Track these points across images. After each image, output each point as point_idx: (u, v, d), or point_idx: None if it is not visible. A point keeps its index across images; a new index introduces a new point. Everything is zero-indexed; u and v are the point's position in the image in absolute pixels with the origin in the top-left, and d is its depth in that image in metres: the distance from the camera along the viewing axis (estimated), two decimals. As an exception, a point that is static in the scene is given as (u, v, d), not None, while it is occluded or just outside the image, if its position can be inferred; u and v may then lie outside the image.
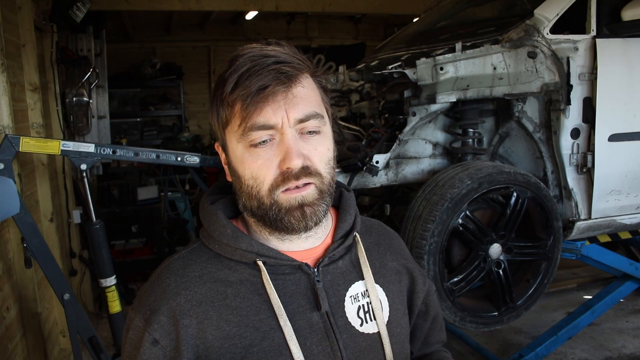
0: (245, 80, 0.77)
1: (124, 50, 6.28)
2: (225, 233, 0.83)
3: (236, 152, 0.81)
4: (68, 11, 3.28)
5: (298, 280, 0.83)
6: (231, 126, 0.80)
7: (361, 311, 0.88)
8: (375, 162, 2.13)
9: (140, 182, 5.22)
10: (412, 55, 2.44)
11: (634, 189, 2.50)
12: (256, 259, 0.82)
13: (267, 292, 0.80)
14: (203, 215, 0.87)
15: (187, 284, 0.81)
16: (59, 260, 2.87)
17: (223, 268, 0.83)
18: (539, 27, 2.26)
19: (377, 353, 0.88)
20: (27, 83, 2.86)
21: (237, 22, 6.62)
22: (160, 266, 0.86)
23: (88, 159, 2.24)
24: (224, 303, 0.79)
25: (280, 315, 0.80)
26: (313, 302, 0.83)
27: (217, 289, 0.81)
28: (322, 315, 0.83)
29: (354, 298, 0.88)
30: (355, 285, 0.89)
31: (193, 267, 0.83)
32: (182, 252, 0.86)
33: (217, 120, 0.83)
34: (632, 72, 2.38)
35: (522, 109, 2.32)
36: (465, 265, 2.16)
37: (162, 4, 4.55)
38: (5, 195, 1.94)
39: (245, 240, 0.82)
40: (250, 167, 0.79)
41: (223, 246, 0.83)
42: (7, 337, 2.16)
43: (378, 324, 0.89)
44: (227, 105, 0.79)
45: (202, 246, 0.86)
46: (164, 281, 0.82)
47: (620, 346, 3.37)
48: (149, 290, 0.83)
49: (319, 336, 0.82)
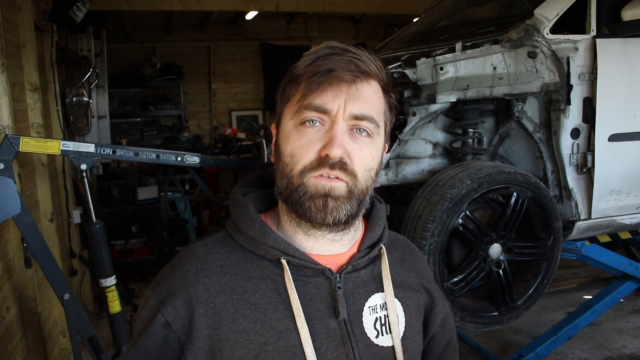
0: (319, 61, 0.80)
1: (124, 50, 6.29)
2: (253, 227, 0.83)
3: (286, 128, 0.83)
4: (68, 11, 3.28)
5: (319, 285, 0.82)
6: (290, 102, 0.82)
7: (378, 323, 0.87)
8: (375, 162, 2.13)
9: (140, 182, 5.22)
10: (412, 55, 2.44)
11: (634, 189, 2.50)
12: (281, 257, 0.81)
13: (288, 292, 0.80)
14: (233, 206, 0.87)
15: (208, 272, 0.80)
16: (59, 260, 2.87)
17: (246, 262, 0.82)
18: (539, 27, 2.26)
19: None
20: (27, 83, 2.86)
21: (237, 22, 6.62)
22: (183, 250, 0.86)
23: (88, 159, 2.24)
24: (243, 297, 0.79)
25: (298, 317, 0.79)
26: (331, 308, 0.82)
27: (237, 281, 0.80)
28: (339, 323, 0.82)
29: (372, 309, 0.87)
30: (374, 296, 0.88)
31: (216, 255, 0.83)
32: (206, 240, 0.86)
33: (281, 96, 0.85)
34: (632, 72, 2.38)
35: (522, 109, 2.32)
36: (465, 265, 2.16)
37: (162, 4, 4.55)
38: (6, 195, 1.94)
39: (272, 236, 0.82)
40: (292, 144, 0.80)
41: (249, 240, 0.83)
42: (7, 337, 2.16)
43: (393, 338, 0.88)
44: (294, 81, 0.82)
45: (227, 237, 0.86)
46: (185, 265, 0.82)
47: (620, 346, 3.37)
48: (169, 272, 0.83)
49: (335, 342, 0.82)
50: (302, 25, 7.08)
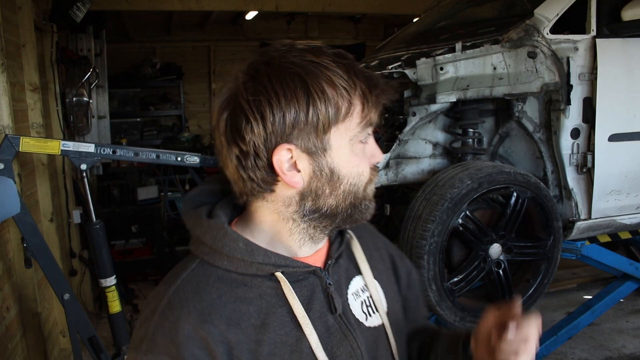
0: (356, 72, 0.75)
1: (124, 50, 6.28)
2: (237, 247, 0.76)
3: (342, 152, 0.76)
4: (68, 11, 3.28)
5: (312, 285, 0.82)
6: (346, 123, 0.75)
7: (364, 306, 0.88)
8: (375, 162, 2.13)
9: (140, 182, 5.22)
10: (412, 55, 2.44)
11: (634, 189, 2.49)
12: (274, 270, 0.78)
13: (290, 302, 0.78)
14: (202, 231, 0.79)
15: (210, 308, 0.73)
16: (59, 260, 2.87)
17: (238, 285, 0.77)
18: (539, 27, 2.26)
19: (384, 344, 0.89)
20: (27, 83, 2.87)
21: (237, 22, 6.62)
22: (158, 297, 0.76)
23: (88, 159, 2.24)
24: (250, 323, 0.75)
25: (305, 325, 0.77)
26: (326, 305, 0.82)
27: (240, 308, 0.75)
28: (336, 318, 0.82)
29: (355, 295, 0.88)
30: (353, 281, 0.89)
31: (208, 289, 0.75)
32: (182, 276, 0.77)
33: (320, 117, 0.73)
34: (632, 72, 2.38)
35: (522, 109, 2.32)
36: (465, 265, 2.16)
37: (162, 4, 4.55)
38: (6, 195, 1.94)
39: (260, 252, 0.77)
40: (356, 164, 0.78)
41: (235, 262, 0.77)
42: (7, 337, 2.16)
43: (381, 316, 0.90)
44: (345, 99, 0.74)
45: (204, 265, 0.78)
46: (181, 311, 0.73)
47: (620, 346, 3.37)
48: (161, 326, 0.73)
49: (338, 338, 0.82)
50: (302, 25, 7.08)
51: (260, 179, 0.76)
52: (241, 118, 0.72)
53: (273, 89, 0.71)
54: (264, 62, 0.74)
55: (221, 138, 0.76)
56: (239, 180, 0.77)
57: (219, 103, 0.76)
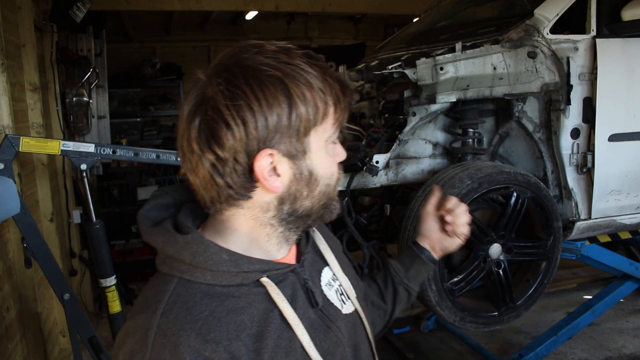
0: (328, 74, 0.76)
1: (124, 50, 6.28)
2: (221, 260, 0.74)
3: (320, 152, 0.77)
4: (68, 11, 3.28)
5: (292, 283, 0.82)
6: (323, 125, 0.75)
7: (338, 294, 0.90)
8: (375, 162, 2.13)
9: (140, 182, 5.22)
10: (412, 55, 2.44)
11: (634, 189, 2.49)
12: (260, 276, 0.76)
13: (279, 305, 0.77)
14: (177, 248, 0.74)
15: (207, 326, 0.70)
16: (59, 260, 2.88)
17: (226, 298, 0.74)
18: (539, 27, 2.26)
19: (360, 329, 0.92)
20: (27, 83, 2.87)
21: (237, 22, 6.62)
22: (145, 326, 0.70)
23: (88, 159, 2.24)
24: (247, 333, 0.73)
25: (296, 326, 0.77)
26: (307, 300, 0.82)
27: (235, 320, 0.72)
28: (316, 311, 0.83)
29: (328, 285, 0.89)
30: (323, 273, 0.90)
31: (198, 307, 0.71)
32: (164, 299, 0.72)
33: (301, 120, 0.72)
34: (632, 72, 2.38)
35: (522, 109, 2.32)
36: (465, 265, 2.16)
37: (162, 4, 4.55)
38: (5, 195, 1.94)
39: (244, 260, 0.75)
40: (330, 164, 0.80)
41: (219, 275, 0.74)
42: (7, 337, 2.16)
43: (353, 302, 0.92)
44: (322, 101, 0.74)
45: (184, 283, 0.74)
46: (179, 335, 0.69)
47: (620, 346, 3.37)
48: (159, 355, 0.68)
49: (323, 331, 0.82)
50: (302, 25, 7.08)
51: (239, 185, 0.73)
52: (220, 124, 0.70)
53: (253, 92, 0.69)
54: (236, 64, 0.72)
55: (192, 145, 0.72)
56: (211, 188, 0.74)
57: (187, 108, 0.73)
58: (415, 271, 1.18)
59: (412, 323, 3.78)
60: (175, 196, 0.84)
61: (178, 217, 0.80)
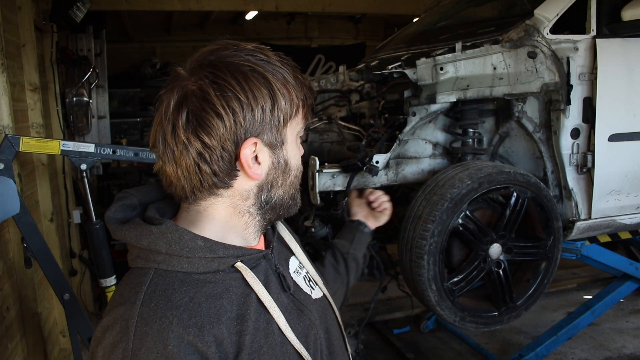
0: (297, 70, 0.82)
1: (124, 50, 6.29)
2: (197, 246, 0.76)
3: (293, 144, 0.84)
4: (68, 11, 3.28)
5: (265, 269, 0.85)
6: (296, 119, 0.83)
7: (306, 281, 0.95)
8: (375, 162, 2.13)
9: (140, 182, 5.22)
10: (412, 55, 2.44)
11: (634, 189, 2.49)
12: (234, 262, 0.79)
13: (254, 289, 0.80)
14: (152, 239, 0.76)
15: (188, 312, 0.72)
16: (59, 260, 2.88)
17: (204, 284, 0.76)
18: (539, 27, 2.26)
19: (330, 313, 0.97)
20: (27, 83, 2.87)
21: (237, 22, 6.62)
22: (126, 317, 0.71)
23: (88, 159, 2.24)
24: (228, 316, 0.75)
25: (272, 308, 0.80)
26: (279, 285, 0.86)
27: (215, 305, 0.75)
28: (288, 296, 0.87)
29: (296, 272, 0.95)
30: (291, 261, 0.96)
31: (177, 294, 0.73)
32: (143, 290, 0.73)
33: (282, 113, 0.78)
34: (632, 72, 2.38)
35: (522, 109, 2.31)
36: (465, 265, 2.16)
37: (162, 4, 4.56)
38: (5, 195, 1.94)
39: (219, 246, 0.78)
40: (299, 157, 0.87)
41: (195, 262, 0.76)
42: (7, 337, 2.16)
43: (321, 288, 0.98)
44: (291, 95, 0.80)
45: (161, 273, 0.75)
46: (161, 322, 0.70)
47: (620, 346, 3.37)
48: (142, 344, 0.69)
49: (296, 314, 0.86)
50: (302, 25, 7.09)
51: (224, 172, 0.78)
52: (210, 114, 0.74)
53: (239, 85, 0.75)
54: (219, 60, 0.77)
55: (178, 134, 0.75)
56: (195, 176, 0.77)
57: (173, 102, 0.76)
58: (357, 243, 1.39)
59: (412, 323, 3.78)
60: (140, 197, 0.86)
61: (146, 214, 0.82)
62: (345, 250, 1.35)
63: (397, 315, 3.89)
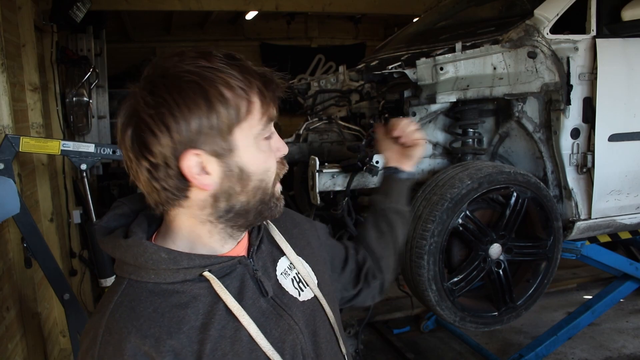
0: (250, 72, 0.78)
1: (124, 50, 6.29)
2: (160, 258, 0.78)
3: (249, 150, 0.79)
4: (68, 11, 3.28)
5: (240, 275, 0.85)
6: (248, 122, 0.78)
7: (295, 282, 0.93)
8: (375, 162, 2.13)
9: (140, 182, 5.21)
10: (412, 55, 2.44)
11: (634, 189, 2.49)
12: (201, 271, 0.80)
13: (222, 298, 0.80)
14: (122, 251, 0.80)
15: (149, 322, 0.75)
16: (59, 260, 2.88)
17: (171, 294, 0.79)
18: (539, 27, 2.26)
19: (320, 315, 0.95)
20: (27, 83, 2.87)
21: (237, 22, 6.63)
22: (95, 326, 0.76)
23: (88, 159, 2.24)
24: (191, 326, 0.77)
25: (241, 317, 0.80)
26: (257, 290, 0.86)
27: (178, 315, 0.77)
28: (268, 300, 0.86)
29: (284, 274, 0.92)
30: (280, 262, 0.94)
31: (142, 305, 0.77)
32: (114, 300, 0.78)
33: (222, 120, 0.75)
34: (632, 72, 2.38)
35: (522, 109, 2.31)
36: (465, 265, 2.16)
37: (162, 4, 4.56)
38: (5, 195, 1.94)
39: (183, 257, 0.79)
40: (264, 160, 0.81)
41: (161, 273, 0.79)
42: (7, 337, 2.17)
43: (312, 289, 0.95)
44: (242, 98, 0.76)
45: (132, 284, 0.79)
46: (121, 333, 0.74)
47: (620, 346, 3.37)
48: (105, 353, 0.74)
49: (274, 319, 0.85)
50: (302, 25, 7.09)
51: (174, 187, 0.78)
52: (147, 133, 0.74)
53: (173, 99, 0.73)
54: (159, 74, 0.77)
55: (128, 154, 0.78)
56: (152, 191, 0.79)
57: (120, 121, 0.78)
58: (396, 192, 1.25)
59: (412, 323, 3.78)
60: (131, 206, 0.88)
61: (132, 224, 0.84)
62: (384, 205, 1.23)
63: (397, 315, 3.89)
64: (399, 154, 1.27)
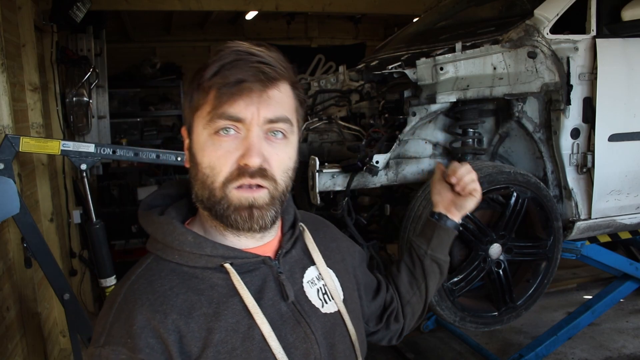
0: (225, 71, 0.78)
1: (124, 50, 6.28)
2: (186, 241, 0.81)
3: (200, 138, 0.80)
4: (68, 11, 3.28)
5: (263, 274, 0.85)
6: (201, 111, 0.80)
7: (320, 293, 0.92)
8: (375, 162, 2.13)
9: (140, 182, 5.22)
10: (412, 55, 2.44)
11: (634, 189, 2.49)
12: (222, 262, 0.81)
13: (240, 292, 0.80)
14: (154, 227, 0.84)
15: (162, 299, 0.77)
16: (59, 260, 2.87)
17: (190, 278, 0.80)
18: (539, 27, 2.26)
19: (341, 330, 0.93)
20: (27, 83, 2.87)
21: (237, 22, 6.62)
22: (116, 293, 0.80)
23: (88, 159, 2.24)
24: (202, 312, 0.78)
25: (256, 314, 0.80)
26: (279, 293, 0.85)
27: (191, 298, 0.78)
28: (289, 305, 0.86)
29: (310, 283, 0.92)
30: (309, 271, 0.93)
31: (160, 282, 0.79)
32: (137, 272, 0.82)
33: (190, 103, 0.82)
34: (632, 72, 2.38)
35: (522, 109, 2.31)
36: (465, 265, 2.16)
37: (162, 4, 4.55)
38: (5, 195, 1.94)
39: (208, 244, 0.81)
40: (209, 155, 0.79)
41: (185, 255, 0.81)
42: (7, 337, 2.16)
43: (337, 303, 0.94)
44: (202, 90, 0.79)
45: (158, 260, 0.83)
46: (135, 303, 0.77)
47: (620, 346, 3.37)
48: (118, 319, 0.76)
49: (291, 324, 0.85)
50: (302, 25, 7.08)
51: None
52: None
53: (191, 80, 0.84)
54: None
55: None
56: None
57: None
58: (437, 240, 1.18)
59: (412, 323, 3.78)
60: (179, 189, 0.92)
61: (171, 205, 0.88)
62: (422, 251, 1.17)
63: (397, 315, 3.88)
64: (449, 201, 1.19)
